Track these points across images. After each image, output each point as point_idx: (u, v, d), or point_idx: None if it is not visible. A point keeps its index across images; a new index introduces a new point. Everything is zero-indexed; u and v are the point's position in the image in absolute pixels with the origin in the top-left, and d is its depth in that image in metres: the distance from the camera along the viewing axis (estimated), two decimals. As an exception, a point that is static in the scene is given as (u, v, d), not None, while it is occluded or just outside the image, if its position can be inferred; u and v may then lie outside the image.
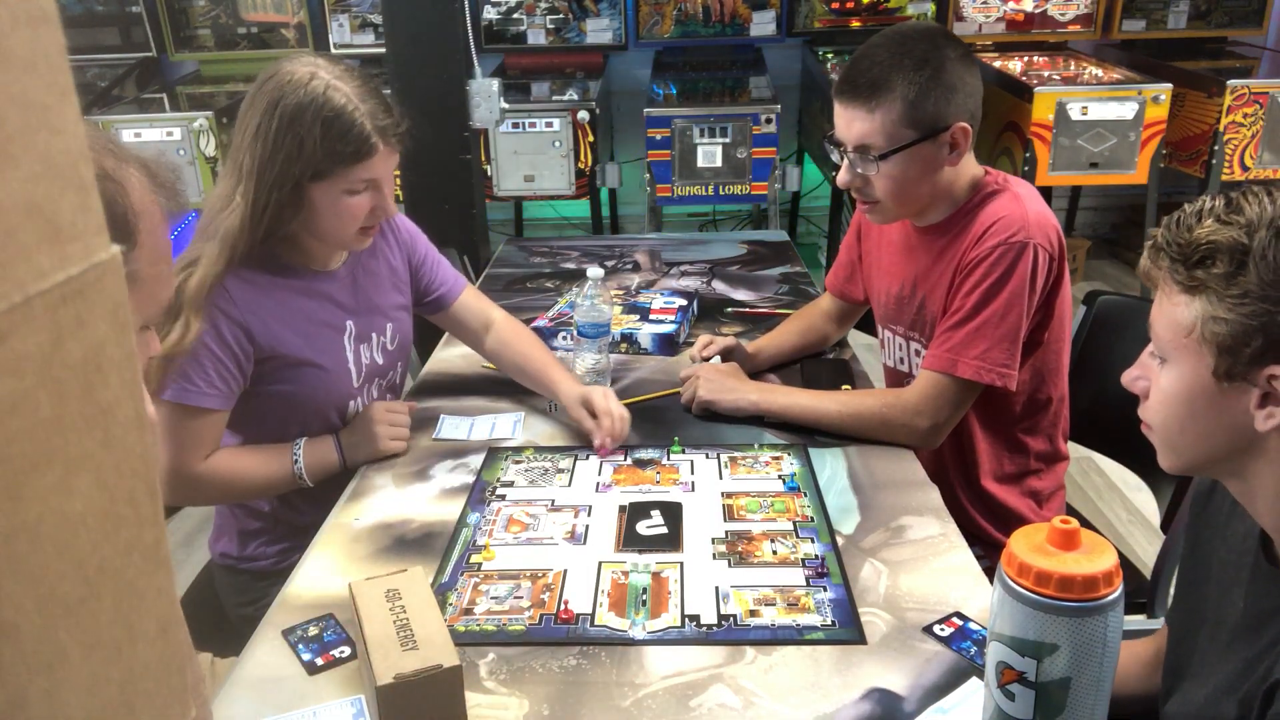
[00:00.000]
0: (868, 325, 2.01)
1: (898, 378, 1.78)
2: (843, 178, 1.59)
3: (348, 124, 1.42)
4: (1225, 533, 1.04)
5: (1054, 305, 1.58)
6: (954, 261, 1.58)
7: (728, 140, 3.86)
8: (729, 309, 2.20)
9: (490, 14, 4.53)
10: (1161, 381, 0.93)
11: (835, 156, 1.61)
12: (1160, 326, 0.92)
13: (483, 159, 3.86)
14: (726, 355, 1.85)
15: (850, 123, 1.54)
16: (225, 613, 1.69)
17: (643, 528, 1.40)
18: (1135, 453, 1.69)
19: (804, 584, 1.27)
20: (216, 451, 1.52)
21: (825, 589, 1.26)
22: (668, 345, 1.96)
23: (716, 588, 1.27)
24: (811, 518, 1.42)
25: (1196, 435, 0.92)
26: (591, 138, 3.97)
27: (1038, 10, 4.57)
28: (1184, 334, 0.89)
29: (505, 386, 1.82)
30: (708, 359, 1.83)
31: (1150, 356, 0.96)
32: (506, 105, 2.77)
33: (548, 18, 4.56)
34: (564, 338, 1.99)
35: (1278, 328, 0.83)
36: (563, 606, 1.23)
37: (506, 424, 1.72)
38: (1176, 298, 0.89)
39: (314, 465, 1.57)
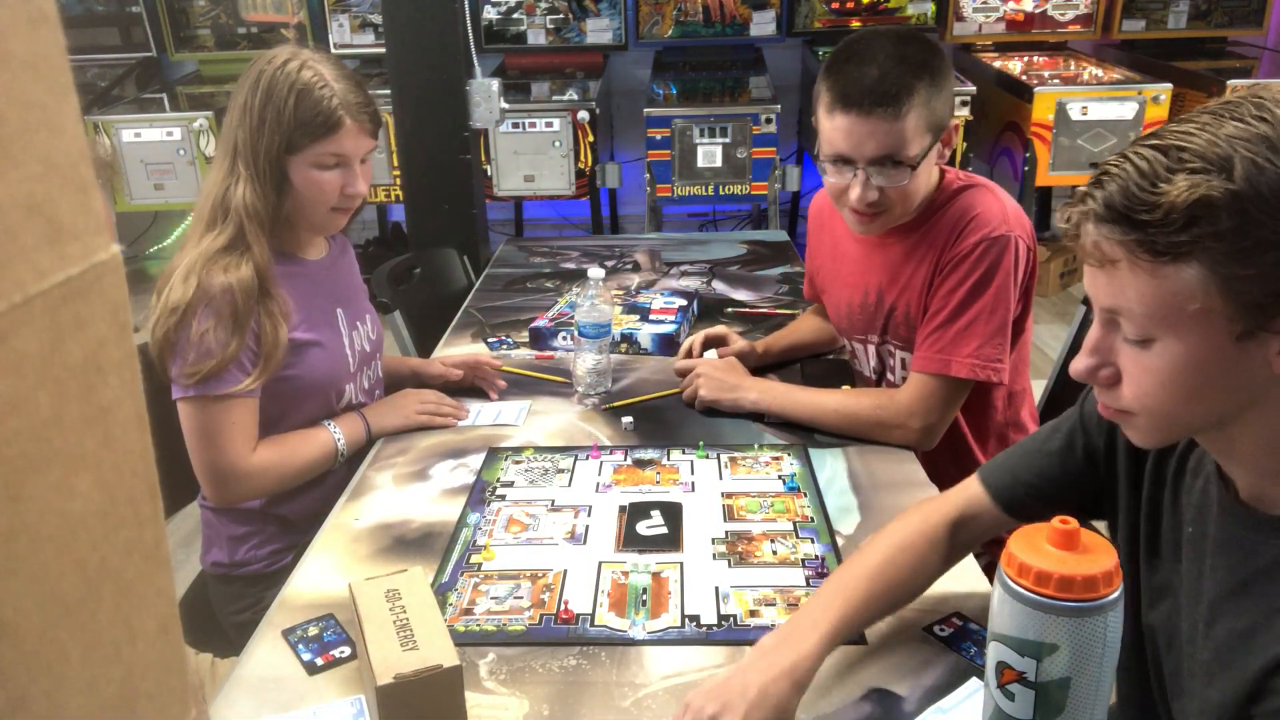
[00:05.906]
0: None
1: (879, 387, 1.77)
2: (863, 194, 1.51)
3: (317, 97, 1.50)
4: (1183, 511, 0.98)
5: (1030, 296, 1.61)
6: (928, 260, 1.58)
7: (728, 140, 3.86)
8: (729, 309, 2.20)
9: (490, 14, 4.53)
10: (1154, 362, 0.84)
11: (833, 176, 1.54)
12: (1142, 305, 0.82)
13: (483, 159, 3.86)
14: (716, 343, 1.88)
15: (870, 135, 1.47)
16: (220, 622, 1.69)
17: (643, 528, 1.40)
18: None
19: (804, 584, 1.27)
20: (259, 443, 1.55)
21: (825, 589, 1.26)
22: (668, 345, 1.96)
23: (716, 588, 1.27)
24: (811, 518, 1.42)
25: (1205, 403, 0.84)
26: (591, 138, 3.97)
27: (1038, 10, 4.57)
28: (1189, 302, 0.79)
29: (506, 387, 1.82)
30: (704, 349, 1.87)
31: (1122, 342, 0.86)
32: (506, 105, 2.76)
33: (548, 18, 4.56)
34: (564, 338, 1.99)
35: None
36: (563, 606, 1.23)
37: (512, 411, 1.74)
38: (1164, 270, 0.79)
39: (349, 440, 1.63)
